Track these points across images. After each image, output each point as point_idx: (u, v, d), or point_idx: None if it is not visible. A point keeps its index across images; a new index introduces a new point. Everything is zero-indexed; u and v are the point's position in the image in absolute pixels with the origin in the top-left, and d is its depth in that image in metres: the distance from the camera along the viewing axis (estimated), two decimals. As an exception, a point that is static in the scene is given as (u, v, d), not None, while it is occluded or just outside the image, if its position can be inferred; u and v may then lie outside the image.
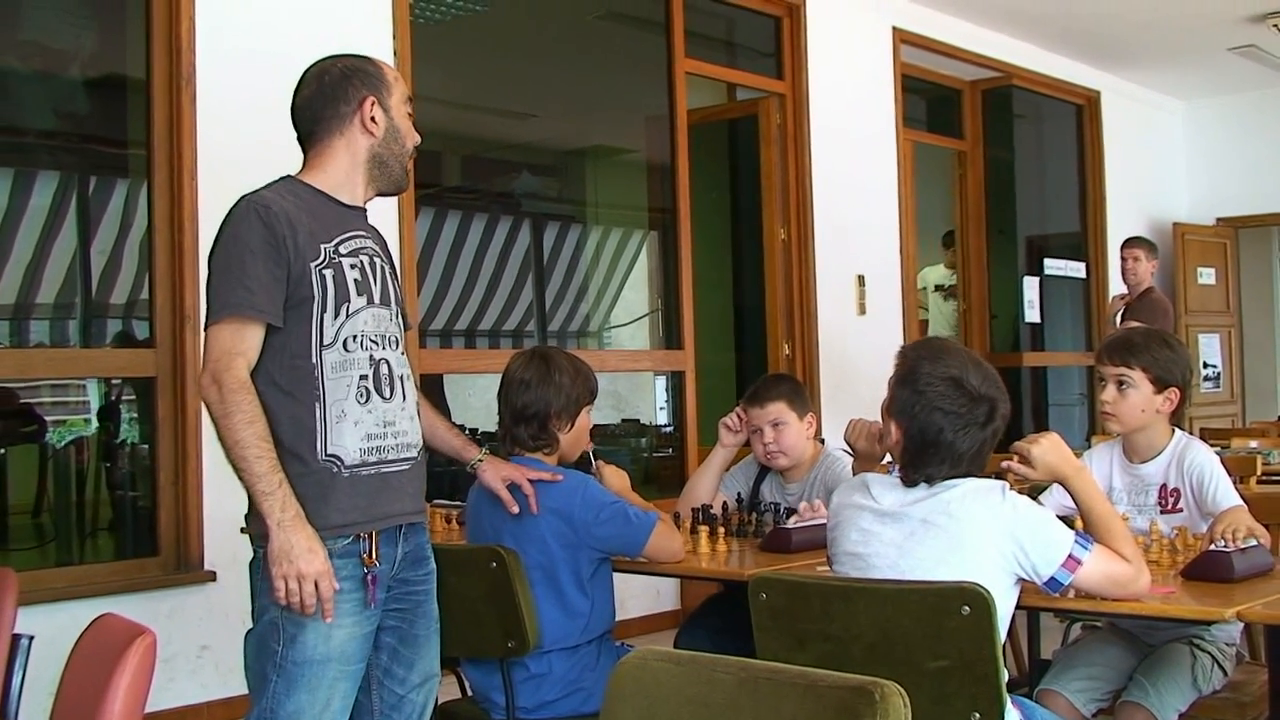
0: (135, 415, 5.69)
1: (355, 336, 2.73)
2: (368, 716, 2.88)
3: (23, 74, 5.41)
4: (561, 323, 8.78)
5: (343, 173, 2.84)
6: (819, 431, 4.12)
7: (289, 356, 2.68)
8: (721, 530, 3.60)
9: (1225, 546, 2.90)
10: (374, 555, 2.74)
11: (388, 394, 2.77)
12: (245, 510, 2.75)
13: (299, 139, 2.91)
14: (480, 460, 3.24)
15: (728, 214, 8.49)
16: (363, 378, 2.73)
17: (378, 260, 2.85)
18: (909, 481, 2.67)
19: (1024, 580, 2.62)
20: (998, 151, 9.63)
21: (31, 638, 2.67)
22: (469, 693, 3.52)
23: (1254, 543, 3.00)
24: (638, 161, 8.20)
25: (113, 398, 6.12)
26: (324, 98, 2.84)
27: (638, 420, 8.71)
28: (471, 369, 6.76)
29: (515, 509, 3.20)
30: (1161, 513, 3.41)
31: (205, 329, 2.70)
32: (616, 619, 3.43)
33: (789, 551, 3.42)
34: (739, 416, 3.99)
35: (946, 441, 2.61)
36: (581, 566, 3.25)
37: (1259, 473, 5.26)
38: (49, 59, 5.45)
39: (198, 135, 5.04)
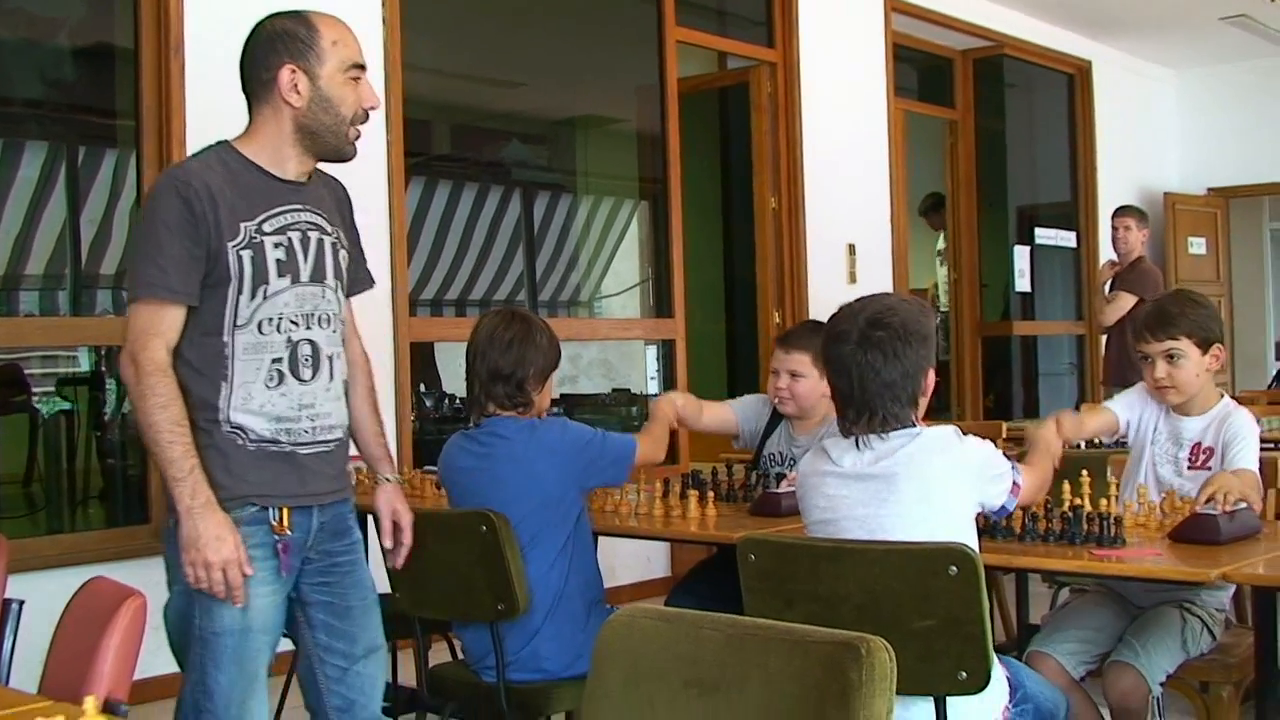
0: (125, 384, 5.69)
1: (272, 319, 2.68)
2: (316, 696, 2.85)
3: (10, 43, 5.38)
4: (552, 292, 8.77)
5: (271, 143, 2.74)
6: None
7: (201, 334, 2.64)
8: (711, 495, 3.61)
9: (1213, 509, 2.92)
10: (284, 524, 2.70)
11: (308, 376, 2.72)
12: None
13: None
14: (387, 480, 3.07)
15: (718, 183, 8.49)
16: (275, 360, 2.68)
17: (312, 235, 2.75)
18: (845, 432, 2.70)
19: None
20: (989, 121, 9.62)
21: (22, 602, 2.67)
22: (459, 655, 3.54)
23: (1243, 506, 3.02)
24: (628, 131, 8.18)
25: (103, 367, 6.12)
26: (250, 63, 2.75)
27: (628, 390, 8.72)
28: (461, 337, 6.73)
29: (389, 543, 3.08)
30: (1190, 468, 3.44)
31: (127, 306, 2.65)
32: (606, 586, 3.45)
33: (779, 515, 3.44)
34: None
35: (832, 384, 2.72)
36: (570, 517, 3.28)
37: (1248, 440, 5.28)
38: (37, 28, 5.43)
39: (187, 104, 5.03)
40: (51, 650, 2.29)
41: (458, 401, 7.65)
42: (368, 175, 5.62)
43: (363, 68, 2.78)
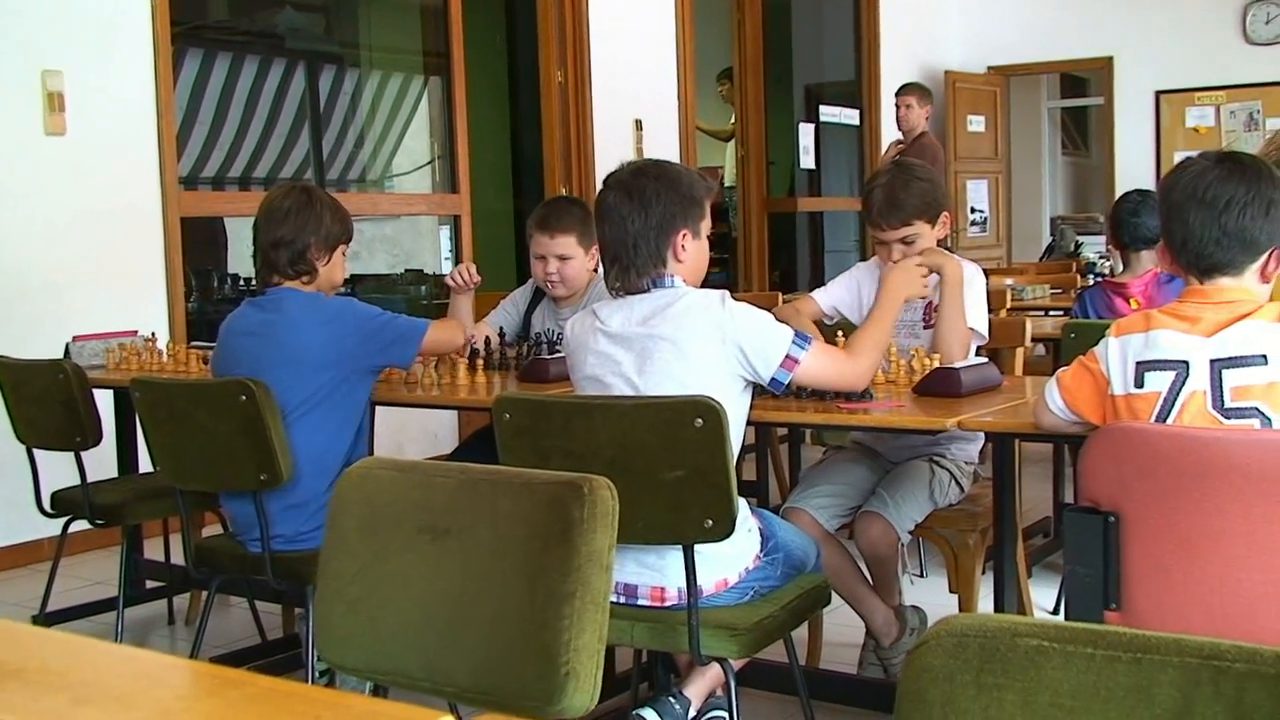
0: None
1: None
2: None
3: None
4: (341, 170, 8.59)
5: None
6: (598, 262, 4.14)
7: None
8: (481, 363, 3.62)
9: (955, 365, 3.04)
10: None
11: None
12: None
13: None
14: None
15: (505, 57, 8.38)
16: None
17: None
18: (610, 289, 2.78)
19: (754, 384, 2.74)
20: (776, -3, 9.68)
21: None
22: (229, 529, 3.51)
23: (983, 360, 3.17)
24: (412, 1, 8.01)
25: None
26: None
27: (421, 270, 8.65)
28: (237, 211, 6.59)
29: None
30: (925, 328, 3.55)
31: None
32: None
33: (546, 381, 3.47)
34: (464, 273, 3.96)
35: (600, 236, 2.80)
36: (349, 391, 3.26)
37: (1009, 304, 5.52)
38: None
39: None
40: None
41: (242, 282, 7.49)
42: (130, 41, 5.41)
43: None
